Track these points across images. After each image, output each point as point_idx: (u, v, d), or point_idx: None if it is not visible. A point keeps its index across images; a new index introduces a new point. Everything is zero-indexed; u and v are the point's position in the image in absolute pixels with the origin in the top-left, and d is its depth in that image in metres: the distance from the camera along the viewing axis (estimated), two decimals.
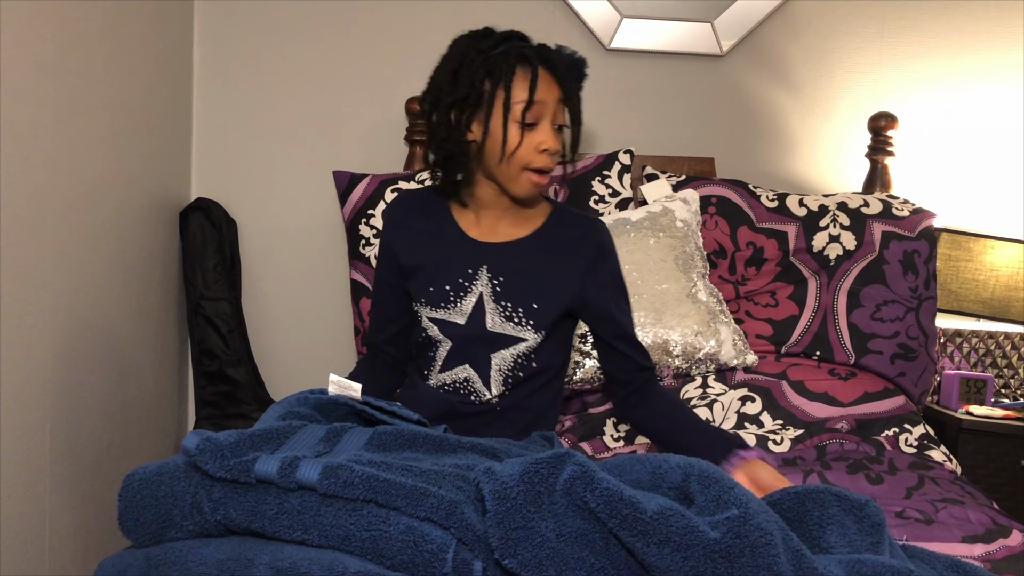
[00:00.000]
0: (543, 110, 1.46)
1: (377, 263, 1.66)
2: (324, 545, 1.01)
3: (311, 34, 2.49)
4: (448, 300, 1.53)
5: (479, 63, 1.46)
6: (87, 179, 1.86)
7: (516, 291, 1.52)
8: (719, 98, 2.55)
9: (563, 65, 1.49)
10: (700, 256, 2.12)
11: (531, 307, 1.52)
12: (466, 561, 0.98)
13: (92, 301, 1.89)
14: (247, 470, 1.03)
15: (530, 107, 1.45)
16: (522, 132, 1.46)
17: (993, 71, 2.55)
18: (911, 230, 2.17)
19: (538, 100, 1.45)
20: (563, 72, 1.48)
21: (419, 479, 1.03)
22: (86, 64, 1.84)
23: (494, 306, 1.52)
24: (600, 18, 2.50)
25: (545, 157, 1.47)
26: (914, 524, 1.50)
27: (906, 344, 2.11)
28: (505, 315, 1.52)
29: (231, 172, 2.51)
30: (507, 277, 1.53)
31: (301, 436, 1.14)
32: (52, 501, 1.73)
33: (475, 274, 1.54)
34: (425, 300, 1.55)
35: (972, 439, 2.20)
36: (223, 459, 1.04)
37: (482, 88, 1.46)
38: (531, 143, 1.46)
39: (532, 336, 1.52)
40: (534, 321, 1.51)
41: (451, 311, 1.53)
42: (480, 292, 1.53)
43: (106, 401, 1.96)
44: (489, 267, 1.53)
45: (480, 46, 1.48)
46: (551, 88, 1.46)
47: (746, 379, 2.02)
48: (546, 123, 1.47)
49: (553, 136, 1.47)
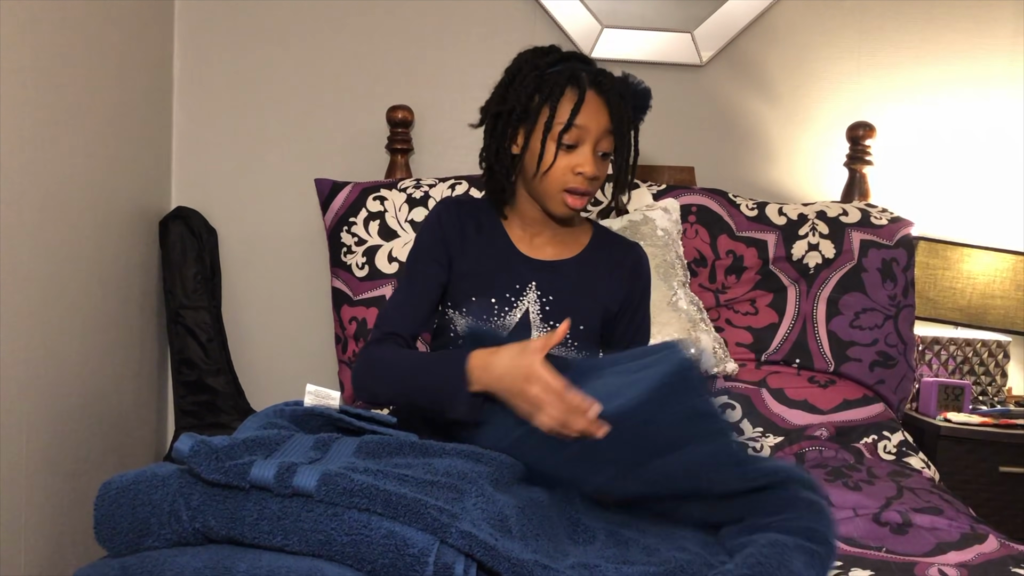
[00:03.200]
0: (584, 135, 1.46)
1: (420, 256, 1.56)
2: (304, 551, 1.01)
3: (292, 42, 2.49)
4: (492, 313, 1.51)
5: (532, 78, 1.47)
6: (65, 188, 1.85)
7: (564, 311, 1.51)
8: (699, 108, 2.57)
9: (618, 93, 1.48)
10: (681, 265, 2.13)
11: (577, 328, 1.51)
12: (447, 565, 0.98)
13: (70, 310, 1.88)
14: (242, 474, 1.02)
15: (569, 129, 1.45)
16: (559, 152, 1.46)
17: (969, 81, 2.58)
18: (889, 238, 2.19)
19: (580, 124, 1.45)
20: (616, 100, 1.47)
21: (416, 489, 1.03)
22: (64, 72, 1.83)
23: (541, 325, 1.51)
24: (581, 28, 2.51)
25: (580, 180, 1.47)
26: (890, 531, 1.51)
27: (885, 352, 2.13)
28: None
29: (211, 181, 2.50)
30: (556, 296, 1.52)
31: (292, 444, 1.14)
32: (28, 511, 1.72)
33: (523, 290, 1.52)
34: (467, 310, 1.51)
35: (950, 446, 2.21)
36: (218, 462, 1.03)
37: (529, 104, 1.47)
38: (567, 164, 1.46)
39: (573, 356, 1.50)
40: (579, 343, 1.51)
41: (493, 323, 1.50)
42: (527, 308, 1.52)
43: (84, 411, 1.95)
44: (538, 284, 1.53)
45: (538, 62, 1.49)
46: (599, 114, 1.46)
47: (726, 386, 2.03)
48: (587, 147, 1.46)
49: (592, 161, 1.46)
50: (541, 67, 1.48)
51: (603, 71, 1.51)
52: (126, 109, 2.16)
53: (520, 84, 1.48)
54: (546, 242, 1.58)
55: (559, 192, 1.48)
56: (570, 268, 1.56)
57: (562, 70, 1.48)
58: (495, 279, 1.52)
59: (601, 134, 1.47)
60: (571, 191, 1.48)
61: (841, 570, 1.33)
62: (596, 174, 1.47)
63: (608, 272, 1.57)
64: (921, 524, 1.53)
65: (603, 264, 1.58)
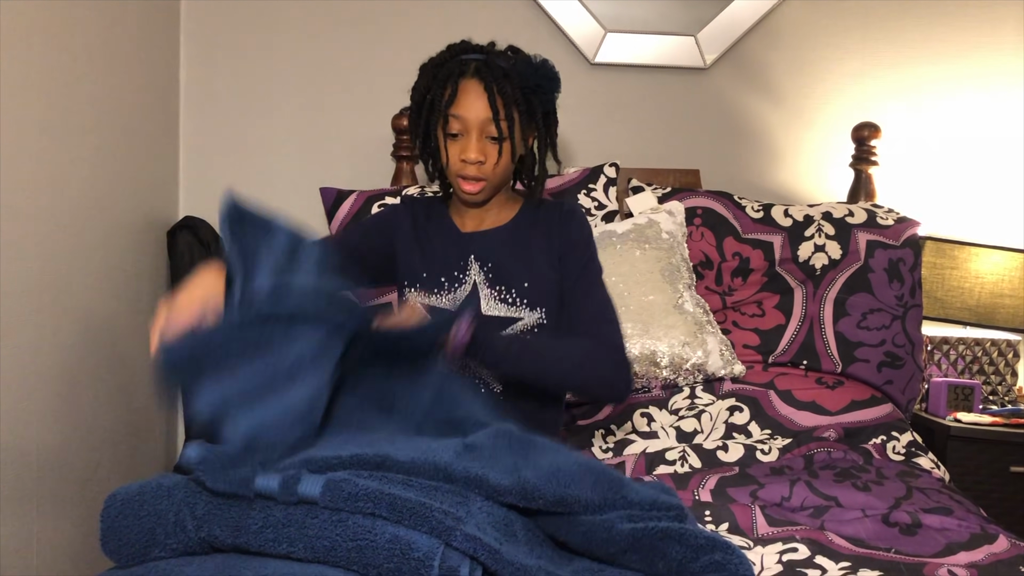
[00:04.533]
0: (466, 123, 1.53)
1: (360, 231, 1.73)
2: (309, 558, 1.01)
3: (298, 52, 2.50)
4: (442, 288, 1.60)
5: (427, 76, 1.58)
6: (73, 198, 1.86)
7: (506, 274, 1.59)
8: (703, 110, 2.57)
9: (501, 77, 1.53)
10: (686, 267, 2.13)
11: (523, 287, 1.58)
12: (452, 568, 0.98)
13: (80, 320, 1.89)
14: (247, 484, 1.03)
15: (450, 120, 1.54)
16: (447, 142, 1.56)
17: (974, 79, 2.57)
18: (896, 239, 2.19)
19: (457, 114, 1.53)
20: (497, 85, 1.52)
21: (421, 493, 1.04)
22: (71, 83, 1.85)
23: (489, 291, 1.59)
24: (584, 33, 2.51)
25: (466, 167, 1.55)
26: (899, 531, 1.51)
27: (893, 352, 2.12)
28: (500, 298, 1.58)
29: (219, 190, 2.46)
30: (495, 262, 1.60)
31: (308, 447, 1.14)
32: (40, 521, 1.73)
33: (467, 265, 1.61)
34: (420, 286, 1.61)
35: (960, 446, 2.20)
36: (225, 471, 1.04)
37: (423, 100, 1.58)
38: (455, 153, 1.56)
39: (528, 314, 1.57)
40: (528, 300, 1.58)
41: (442, 298, 1.60)
42: (474, 280, 1.60)
43: (95, 420, 1.96)
44: (476, 255, 1.61)
45: (438, 59, 1.59)
46: (477, 102, 1.52)
47: (734, 389, 2.02)
48: (471, 135, 1.53)
49: (474, 147, 1.53)
50: (438, 63, 1.58)
51: (492, 58, 1.56)
52: (133, 120, 2.18)
53: (419, 82, 1.60)
54: (479, 217, 1.66)
55: (455, 179, 1.58)
56: (503, 233, 1.64)
57: (450, 64, 1.56)
58: (440, 257, 1.62)
59: (483, 120, 1.53)
60: (463, 177, 1.56)
61: (850, 571, 1.32)
62: (479, 158, 1.54)
63: (541, 232, 1.63)
64: (931, 524, 1.52)
65: (534, 225, 1.64)
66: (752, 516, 1.56)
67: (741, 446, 1.90)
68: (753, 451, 1.89)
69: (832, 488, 1.67)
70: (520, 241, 1.62)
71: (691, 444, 1.91)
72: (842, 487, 1.68)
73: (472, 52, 1.58)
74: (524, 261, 1.60)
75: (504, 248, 1.62)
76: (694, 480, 1.75)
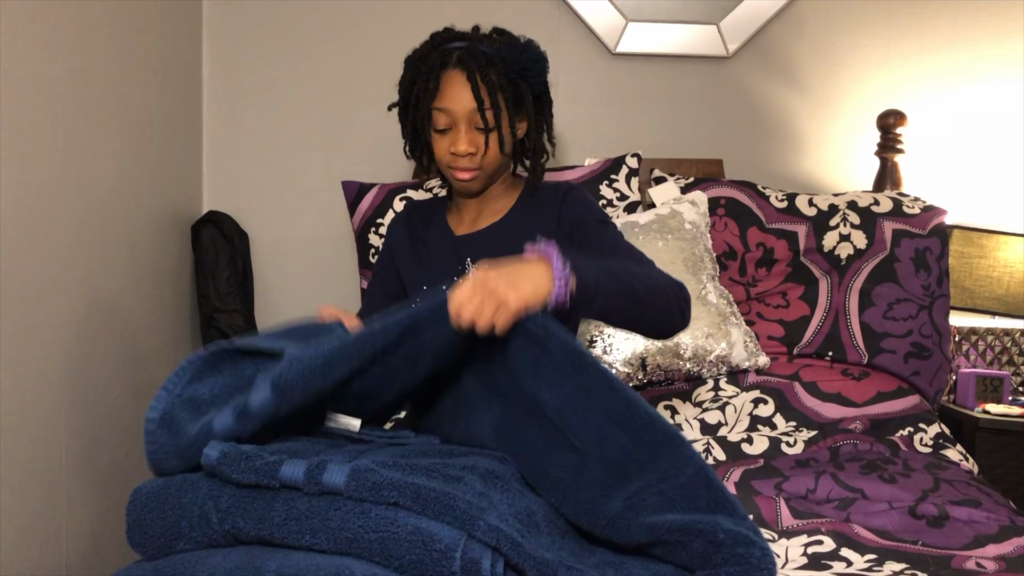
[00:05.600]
0: (453, 116, 1.50)
1: (377, 271, 1.71)
2: (332, 550, 1.01)
3: (320, 46, 2.51)
4: None
5: (412, 70, 1.55)
6: (98, 194, 1.88)
7: None
8: (726, 100, 2.55)
9: (484, 64, 1.49)
10: (709, 258, 2.11)
11: None
12: (474, 560, 0.98)
13: (106, 315, 1.91)
14: (273, 473, 1.04)
15: (436, 115, 1.51)
16: (437, 136, 1.53)
17: (1001, 65, 2.53)
18: (922, 227, 2.16)
19: (443, 107, 1.50)
20: (480, 73, 1.48)
21: (444, 483, 1.04)
22: (95, 79, 1.86)
23: None
24: (605, 23, 2.50)
25: (458, 159, 1.52)
26: (926, 523, 1.49)
27: (919, 343, 2.09)
28: None
29: (242, 185, 2.53)
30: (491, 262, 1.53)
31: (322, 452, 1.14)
32: (68, 515, 1.75)
33: (464, 269, 1.58)
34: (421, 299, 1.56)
35: (989, 438, 2.17)
36: (248, 461, 1.05)
37: (409, 95, 1.55)
38: (446, 146, 1.53)
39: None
40: None
41: None
42: None
43: (121, 414, 1.98)
44: (473, 258, 1.58)
45: (421, 51, 1.56)
46: (462, 93, 1.49)
47: (758, 381, 2.01)
48: (460, 127, 1.50)
49: (463, 139, 1.50)
50: (423, 55, 1.55)
51: (475, 45, 1.52)
52: (157, 116, 2.19)
53: (404, 77, 1.58)
54: (476, 216, 1.63)
55: (448, 171, 1.55)
56: (498, 230, 1.60)
57: (432, 55, 1.53)
58: (438, 266, 1.60)
59: (469, 111, 1.50)
60: (455, 168, 1.54)
61: (876, 563, 1.31)
62: (470, 149, 1.51)
63: (540, 220, 1.59)
64: (958, 517, 1.51)
65: (530, 213, 1.60)
66: (777, 509, 1.55)
67: (766, 438, 1.89)
68: (778, 443, 1.88)
69: (858, 480, 1.66)
70: (515, 236, 1.56)
71: (715, 436, 1.90)
72: (868, 479, 1.66)
73: (455, 40, 1.55)
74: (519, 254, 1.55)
75: (499, 247, 1.55)
76: (718, 473, 1.74)
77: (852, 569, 1.29)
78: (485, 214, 1.63)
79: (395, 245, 1.68)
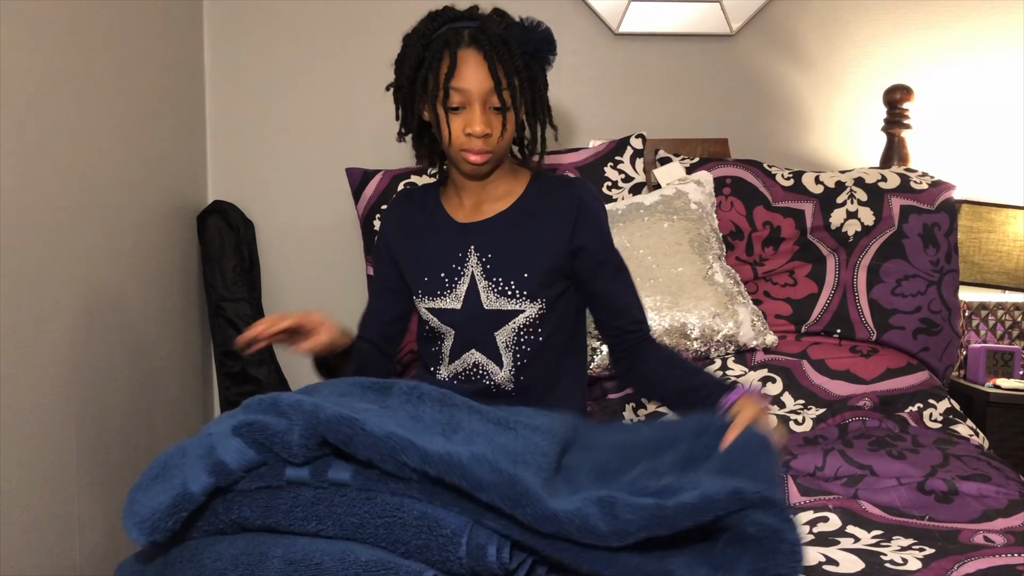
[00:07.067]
0: (468, 95, 1.46)
1: (376, 264, 1.68)
2: (338, 535, 1.02)
3: (322, 33, 2.50)
4: (443, 287, 1.54)
5: (417, 48, 1.49)
6: (102, 185, 1.88)
7: (505, 264, 1.52)
8: (731, 78, 2.53)
9: (500, 44, 1.46)
10: (716, 238, 2.10)
11: (522, 277, 1.51)
12: (480, 545, 0.98)
13: (112, 306, 1.92)
14: (278, 475, 1.05)
15: (450, 94, 1.46)
16: (449, 116, 1.47)
17: (1008, 37, 2.50)
18: (930, 203, 2.15)
19: (458, 87, 1.45)
20: (497, 53, 1.45)
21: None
22: (97, 70, 1.86)
23: (486, 283, 1.52)
24: (608, 3, 2.48)
25: (472, 140, 1.47)
26: (935, 499, 1.49)
27: (929, 319, 2.08)
28: (498, 290, 1.51)
29: (246, 174, 2.53)
30: (495, 253, 1.53)
31: None
32: (80, 505, 1.76)
33: (465, 256, 1.54)
34: (422, 291, 1.56)
35: (1000, 412, 2.17)
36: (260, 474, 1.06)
37: (416, 75, 1.49)
38: (459, 126, 1.47)
39: (529, 306, 1.51)
40: (528, 291, 1.51)
41: (447, 298, 1.54)
42: (472, 272, 1.53)
43: (131, 404, 1.99)
44: (476, 246, 1.54)
45: (423, 30, 1.51)
46: (478, 72, 1.45)
47: (766, 360, 2.00)
48: (474, 107, 1.46)
49: (479, 120, 1.46)
50: (427, 34, 1.50)
51: (487, 24, 1.48)
52: (160, 106, 2.19)
53: (407, 56, 1.51)
54: (479, 202, 1.59)
55: (459, 153, 1.49)
56: (505, 220, 1.56)
57: (442, 34, 1.48)
58: (438, 255, 1.56)
59: (486, 91, 1.46)
60: (467, 150, 1.49)
61: (883, 538, 1.31)
62: (486, 131, 1.46)
63: (547, 213, 1.55)
64: (968, 492, 1.50)
65: (541, 206, 1.56)
66: (784, 486, 1.55)
67: (774, 417, 1.88)
68: (786, 421, 1.88)
69: (866, 457, 1.65)
70: (523, 227, 1.54)
71: None
72: (877, 456, 1.66)
73: (460, 19, 1.51)
74: (525, 249, 1.52)
75: (506, 236, 1.54)
76: None
77: (859, 545, 1.29)
78: (488, 200, 1.58)
79: (390, 238, 1.64)
